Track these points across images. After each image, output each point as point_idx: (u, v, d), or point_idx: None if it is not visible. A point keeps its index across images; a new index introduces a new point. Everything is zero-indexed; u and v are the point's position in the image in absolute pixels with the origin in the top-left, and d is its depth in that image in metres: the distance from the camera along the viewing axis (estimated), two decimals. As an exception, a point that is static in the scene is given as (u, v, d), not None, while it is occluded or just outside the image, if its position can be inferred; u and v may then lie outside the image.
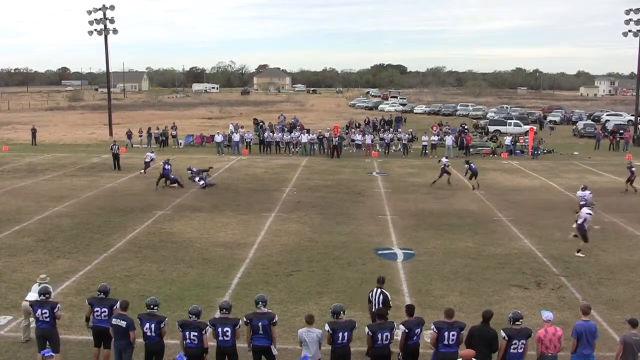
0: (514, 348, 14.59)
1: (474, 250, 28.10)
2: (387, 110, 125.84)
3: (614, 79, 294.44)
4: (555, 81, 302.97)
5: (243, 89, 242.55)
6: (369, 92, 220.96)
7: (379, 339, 14.85)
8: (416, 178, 47.62)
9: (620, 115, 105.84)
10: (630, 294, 22.99)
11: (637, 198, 41.43)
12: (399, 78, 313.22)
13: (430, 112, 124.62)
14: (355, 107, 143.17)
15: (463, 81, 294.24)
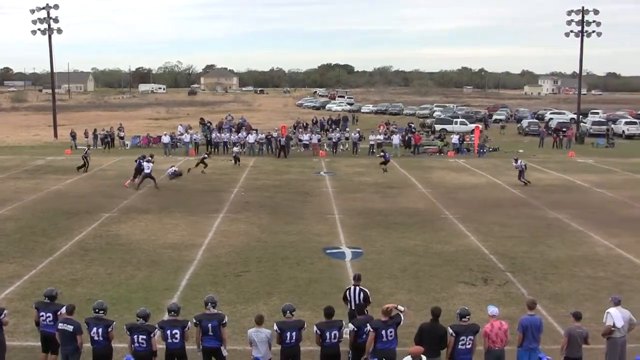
0: (462, 344, 14.78)
1: (422, 248, 28.32)
2: (335, 109, 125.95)
3: (557, 78, 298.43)
4: (500, 80, 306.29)
5: (190, 90, 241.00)
6: (317, 91, 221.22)
7: (328, 337, 14.93)
8: (364, 177, 47.82)
9: (563, 114, 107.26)
10: (573, 288, 23.39)
11: (581, 194, 42.05)
12: (346, 78, 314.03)
13: (378, 112, 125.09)
14: (303, 107, 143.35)
15: (410, 80, 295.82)
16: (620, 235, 31.11)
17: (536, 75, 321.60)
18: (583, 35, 79.46)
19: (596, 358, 16.80)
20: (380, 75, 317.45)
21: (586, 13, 79.10)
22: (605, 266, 26.07)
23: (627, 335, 16.00)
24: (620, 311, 15.94)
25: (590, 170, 53.14)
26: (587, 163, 57.63)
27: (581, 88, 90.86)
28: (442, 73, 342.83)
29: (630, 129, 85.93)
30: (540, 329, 15.69)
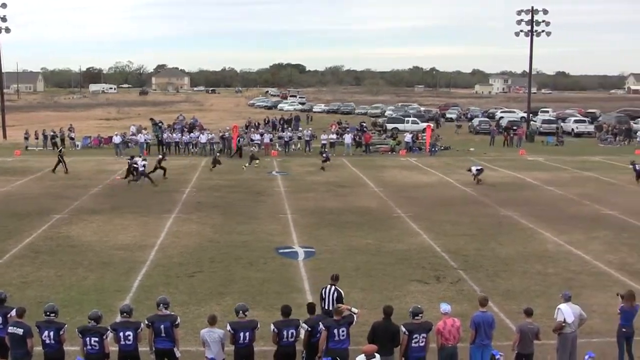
0: (415, 342, 14.84)
1: (374, 246, 28.42)
2: (287, 109, 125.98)
3: (508, 77, 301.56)
4: (451, 79, 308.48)
5: (141, 90, 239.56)
6: (268, 91, 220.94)
7: (285, 336, 14.93)
8: (316, 176, 47.87)
9: (513, 112, 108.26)
10: (525, 284, 23.63)
11: (531, 192, 42.49)
12: (298, 77, 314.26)
13: (330, 111, 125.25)
14: (255, 107, 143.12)
15: (361, 80, 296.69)
16: (569, 232, 31.49)
17: (487, 74, 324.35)
18: (533, 35, 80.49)
19: (547, 353, 17.00)
20: (332, 75, 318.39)
21: (535, 13, 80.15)
22: (556, 263, 26.38)
23: (577, 330, 16.19)
24: (571, 307, 16.12)
25: (540, 168, 53.70)
26: (537, 161, 58.23)
27: (531, 87, 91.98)
28: (393, 72, 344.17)
29: (580, 127, 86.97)
30: (492, 325, 15.82)
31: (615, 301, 18.27)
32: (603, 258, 27.16)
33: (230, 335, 14.74)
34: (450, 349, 15.31)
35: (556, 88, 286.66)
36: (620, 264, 26.43)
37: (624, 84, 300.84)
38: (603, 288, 23.26)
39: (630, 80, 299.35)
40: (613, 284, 23.57)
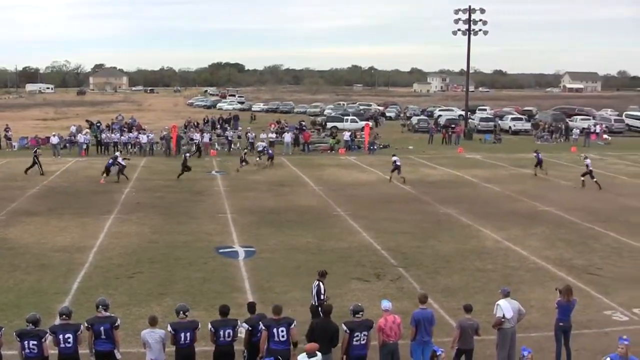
0: (357, 340, 14.91)
1: (315, 245, 28.49)
2: (226, 108, 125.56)
3: (446, 75, 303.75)
4: (390, 78, 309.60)
5: (79, 89, 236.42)
6: (207, 90, 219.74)
7: (222, 335, 14.89)
8: (256, 176, 47.76)
9: (451, 111, 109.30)
10: (464, 281, 23.89)
11: (469, 189, 42.93)
12: (237, 76, 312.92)
13: (269, 110, 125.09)
14: (194, 106, 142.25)
15: (300, 79, 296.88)
16: (508, 228, 31.90)
17: (425, 73, 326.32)
18: (470, 34, 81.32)
19: (487, 349, 17.21)
20: (271, 74, 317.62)
21: (473, 12, 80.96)
22: (494, 259, 26.71)
23: (516, 325, 16.41)
24: (510, 302, 16.34)
25: (479, 166, 54.28)
26: (475, 159, 58.83)
27: (469, 85, 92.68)
28: (332, 71, 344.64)
29: (517, 125, 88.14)
30: (432, 322, 15.99)
31: (553, 296, 18.55)
32: (540, 254, 27.56)
33: (171, 335, 14.67)
34: (392, 345, 15.42)
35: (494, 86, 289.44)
36: (557, 259, 26.85)
37: (559, 83, 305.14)
38: (541, 283, 23.63)
39: (565, 79, 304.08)
40: (550, 279, 23.96)
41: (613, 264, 26.31)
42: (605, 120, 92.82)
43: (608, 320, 20.42)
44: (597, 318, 20.49)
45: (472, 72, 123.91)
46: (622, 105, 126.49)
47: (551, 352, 17.18)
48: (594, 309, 21.27)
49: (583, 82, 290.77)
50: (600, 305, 21.70)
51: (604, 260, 26.78)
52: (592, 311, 20.99)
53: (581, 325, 19.20)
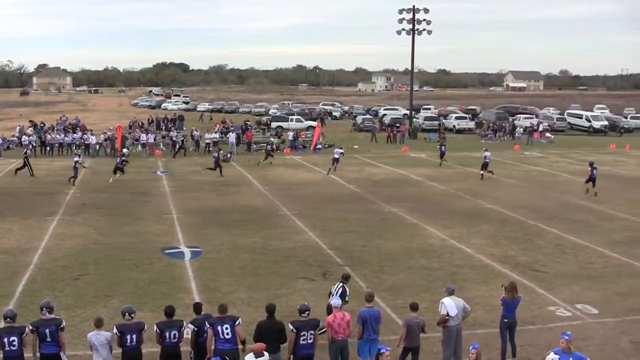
0: (304, 339, 14.92)
1: (261, 245, 28.48)
2: (170, 108, 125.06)
3: (390, 75, 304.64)
4: (334, 77, 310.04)
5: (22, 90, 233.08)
6: (152, 90, 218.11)
7: (167, 337, 14.82)
8: (201, 176, 47.56)
9: (396, 110, 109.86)
10: (410, 279, 24.05)
11: (414, 188, 43.23)
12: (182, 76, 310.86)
13: (214, 110, 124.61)
14: (138, 106, 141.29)
15: (245, 79, 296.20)
16: (452, 226, 32.20)
17: (370, 72, 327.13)
18: (414, 33, 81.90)
19: (434, 346, 17.36)
20: (215, 74, 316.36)
21: (417, 12, 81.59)
22: (440, 257, 26.94)
23: (461, 323, 16.58)
24: (454, 300, 16.49)
25: (423, 165, 54.69)
26: (420, 157, 59.25)
27: (413, 84, 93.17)
28: (277, 71, 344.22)
29: (461, 124, 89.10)
30: (379, 320, 16.08)
31: (497, 293, 18.80)
32: (485, 251, 27.87)
33: (117, 337, 14.56)
34: (341, 342, 15.50)
35: (437, 85, 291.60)
36: (501, 256, 27.17)
37: (502, 82, 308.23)
38: (486, 281, 23.89)
39: (508, 78, 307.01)
40: (495, 277, 24.24)
41: (556, 261, 26.70)
42: (548, 118, 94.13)
43: (552, 315, 20.72)
44: (542, 314, 20.79)
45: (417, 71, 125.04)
46: (564, 104, 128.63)
47: (497, 348, 17.38)
48: (539, 305, 21.57)
49: (526, 81, 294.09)
50: (544, 301, 22.01)
51: (547, 257, 27.15)
52: (536, 307, 21.29)
53: (526, 322, 19.50)
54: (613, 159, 60.30)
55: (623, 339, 19.02)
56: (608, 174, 49.71)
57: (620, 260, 26.86)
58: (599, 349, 18.25)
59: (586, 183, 40.57)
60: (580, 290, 23.11)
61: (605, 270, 25.54)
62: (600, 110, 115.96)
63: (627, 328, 19.79)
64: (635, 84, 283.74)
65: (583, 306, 21.51)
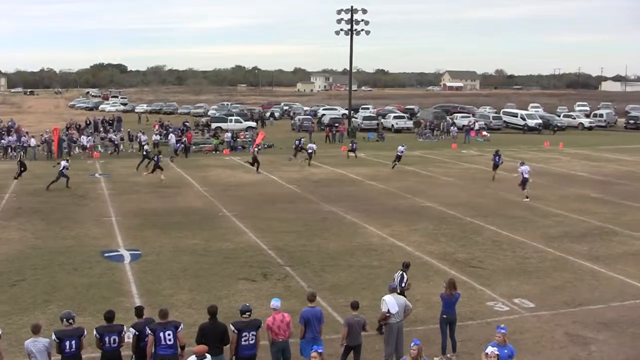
0: (245, 340, 14.91)
1: (201, 246, 28.37)
2: (108, 110, 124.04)
3: (329, 75, 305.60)
4: (273, 78, 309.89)
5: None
6: (89, 92, 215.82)
7: (107, 341, 14.69)
8: (139, 178, 47.20)
9: (335, 110, 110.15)
10: (351, 278, 24.18)
11: (354, 187, 43.43)
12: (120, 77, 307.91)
13: (152, 111, 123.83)
14: (75, 108, 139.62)
15: (184, 79, 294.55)
16: (392, 225, 32.42)
17: (308, 72, 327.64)
18: (352, 34, 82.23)
19: (376, 344, 17.51)
20: (154, 75, 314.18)
21: (355, 12, 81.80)
22: (380, 255, 27.12)
23: (403, 320, 16.72)
24: (395, 298, 16.63)
25: (363, 164, 54.93)
26: (359, 157, 59.37)
27: (352, 84, 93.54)
28: (216, 72, 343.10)
29: (399, 123, 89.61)
30: (321, 319, 16.11)
31: (437, 290, 18.99)
32: (425, 249, 28.15)
33: (56, 344, 14.38)
34: (281, 343, 15.51)
35: (376, 85, 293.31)
36: (440, 253, 27.47)
37: (440, 81, 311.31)
38: (425, 278, 24.11)
39: (445, 77, 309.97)
40: (434, 274, 24.53)
41: (494, 257, 27.10)
42: (484, 117, 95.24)
43: (490, 310, 21.04)
44: (480, 309, 21.10)
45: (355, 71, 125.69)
46: (500, 103, 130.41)
47: (437, 344, 17.58)
48: (477, 300, 21.88)
49: (462, 81, 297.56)
50: (482, 296, 22.33)
51: (485, 254, 27.55)
52: (475, 303, 21.58)
53: (465, 317, 19.78)
54: (547, 157, 61.40)
55: (558, 331, 19.47)
56: (542, 171, 50.62)
57: (555, 255, 27.43)
58: (535, 341, 18.66)
59: (493, 170, 45.71)
60: (517, 285, 23.53)
61: (541, 265, 26.05)
62: (534, 109, 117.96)
63: (561, 320, 20.29)
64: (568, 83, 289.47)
65: (520, 300, 21.94)
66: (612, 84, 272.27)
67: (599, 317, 20.60)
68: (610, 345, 18.56)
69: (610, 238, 30.56)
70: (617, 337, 19.11)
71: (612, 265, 26.21)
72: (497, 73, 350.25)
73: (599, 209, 36.97)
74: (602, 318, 20.54)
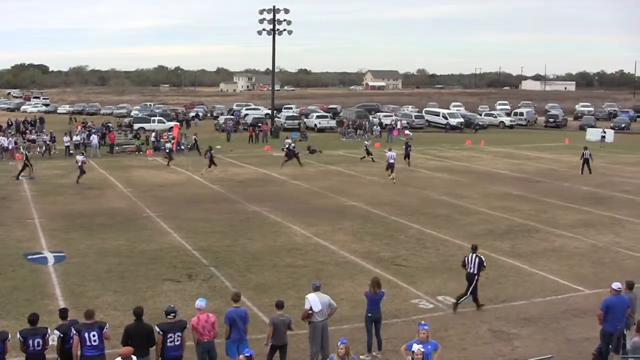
0: (171, 341, 14.94)
1: (126, 248, 28.24)
2: (30, 111, 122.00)
3: (252, 75, 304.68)
4: (196, 78, 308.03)
5: None
6: (10, 92, 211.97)
7: (31, 345, 14.59)
8: (63, 179, 46.66)
9: (258, 109, 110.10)
10: (276, 277, 24.36)
11: (278, 187, 43.57)
12: (41, 78, 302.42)
13: (75, 112, 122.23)
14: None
15: (106, 80, 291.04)
16: (316, 224, 32.67)
17: (231, 72, 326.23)
18: (275, 34, 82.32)
19: (301, 343, 17.69)
20: (76, 75, 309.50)
21: (277, 12, 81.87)
22: (305, 255, 27.35)
23: (328, 319, 16.93)
24: (319, 296, 16.84)
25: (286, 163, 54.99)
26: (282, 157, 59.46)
27: (275, 84, 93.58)
28: (138, 72, 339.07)
29: (322, 123, 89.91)
30: (246, 320, 16.22)
31: (362, 288, 19.27)
32: (349, 247, 28.44)
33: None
34: (207, 344, 15.59)
35: (299, 85, 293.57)
36: (365, 252, 27.78)
37: (362, 80, 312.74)
38: (350, 276, 24.40)
39: (368, 77, 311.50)
40: (359, 272, 24.82)
41: (418, 255, 27.54)
42: (407, 116, 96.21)
43: (415, 308, 21.42)
44: (405, 307, 21.45)
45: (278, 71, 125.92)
46: (422, 102, 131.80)
47: (363, 342, 17.82)
48: (402, 298, 22.23)
49: (385, 80, 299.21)
50: (407, 294, 22.69)
51: (409, 252, 27.95)
52: (399, 301, 21.93)
53: (390, 315, 20.09)
54: (469, 155, 62.40)
55: (482, 327, 19.90)
56: (465, 170, 51.46)
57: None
58: (460, 338, 19.05)
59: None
60: (441, 283, 23.96)
61: (465, 263, 26.46)
62: (456, 108, 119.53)
63: (485, 317, 20.74)
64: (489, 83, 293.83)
65: (444, 298, 22.33)
66: (532, 83, 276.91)
67: (522, 313, 21.12)
68: (534, 340, 19.04)
69: (532, 235, 31.26)
70: (540, 332, 19.63)
71: (534, 261, 26.86)
72: (419, 72, 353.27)
73: (520, 206, 37.73)
74: (525, 314, 21.06)
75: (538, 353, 17.68)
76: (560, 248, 29.09)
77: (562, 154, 51.38)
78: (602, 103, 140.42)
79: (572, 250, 28.81)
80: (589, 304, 21.54)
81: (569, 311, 21.44)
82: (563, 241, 30.22)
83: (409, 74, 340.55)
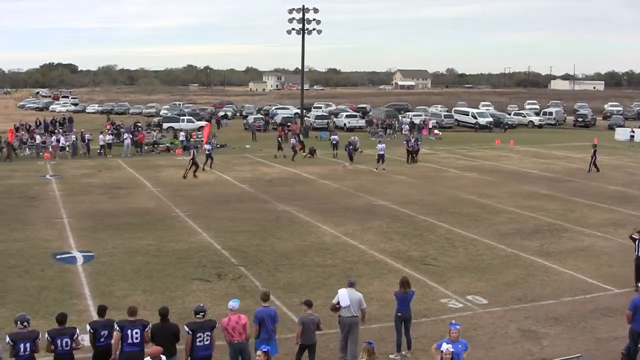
0: (200, 341, 14.88)
1: (155, 247, 28.24)
2: (59, 110, 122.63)
3: (281, 74, 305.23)
4: (225, 77, 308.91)
5: None
6: (39, 92, 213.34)
7: (59, 344, 14.54)
8: (91, 179, 46.79)
9: (287, 109, 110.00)
10: (305, 277, 24.24)
11: (307, 186, 43.47)
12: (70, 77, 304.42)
13: (103, 111, 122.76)
14: (25, 109, 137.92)
15: (135, 79, 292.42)
16: (345, 223, 32.52)
17: (260, 71, 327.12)
18: (304, 33, 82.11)
19: (331, 342, 17.59)
20: (105, 74, 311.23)
21: (306, 11, 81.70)
22: (334, 254, 27.21)
23: (358, 317, 16.77)
24: (349, 292, 16.73)
25: (315, 163, 54.97)
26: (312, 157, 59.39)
27: (304, 84, 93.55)
28: (167, 71, 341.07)
29: (351, 122, 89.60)
30: (275, 319, 16.11)
31: (391, 288, 19.13)
32: (378, 247, 28.29)
33: (10, 347, 14.25)
34: (238, 345, 15.48)
35: (328, 84, 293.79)
36: (394, 251, 27.62)
37: (391, 80, 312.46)
38: (379, 276, 24.26)
39: (397, 76, 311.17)
40: (388, 272, 24.67)
41: (447, 254, 27.36)
42: (436, 116, 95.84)
43: (444, 307, 21.28)
44: (434, 306, 21.31)
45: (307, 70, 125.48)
46: (451, 102, 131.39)
47: (392, 342, 17.71)
48: (431, 297, 22.09)
49: (414, 79, 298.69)
50: (436, 294, 22.54)
51: (438, 251, 27.79)
52: (429, 300, 21.79)
53: (420, 314, 19.97)
54: (498, 154, 62.00)
55: (511, 326, 19.75)
56: (494, 169, 51.17)
57: (506, 252, 27.75)
58: (489, 337, 18.91)
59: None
60: (470, 282, 23.80)
61: (493, 262, 26.35)
62: (485, 107, 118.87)
63: (514, 316, 20.61)
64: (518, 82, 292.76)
65: (473, 297, 22.21)
66: (561, 82, 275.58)
67: (550, 312, 20.94)
68: (562, 339, 18.88)
69: (561, 234, 31.01)
70: (568, 331, 19.45)
71: (562, 260, 26.64)
72: (448, 72, 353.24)
73: (549, 205, 37.45)
74: (553, 313, 20.88)
75: (566, 352, 17.60)
76: (589, 247, 28.87)
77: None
78: (631, 103, 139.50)
79: (601, 249, 28.57)
80: (618, 303, 21.43)
81: (597, 310, 21.30)
82: (592, 240, 30.01)
83: (438, 74, 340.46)
